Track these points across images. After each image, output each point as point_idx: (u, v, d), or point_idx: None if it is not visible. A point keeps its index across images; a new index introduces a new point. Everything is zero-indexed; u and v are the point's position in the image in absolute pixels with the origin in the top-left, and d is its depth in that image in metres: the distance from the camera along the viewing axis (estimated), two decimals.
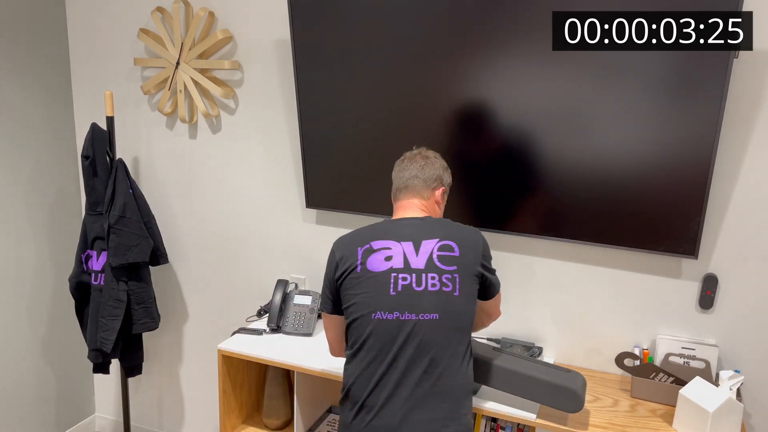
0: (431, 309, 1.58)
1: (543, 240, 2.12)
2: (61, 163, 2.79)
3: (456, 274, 1.60)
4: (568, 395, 1.76)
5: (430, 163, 1.76)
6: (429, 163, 1.76)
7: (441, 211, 1.81)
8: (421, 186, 1.74)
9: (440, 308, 1.58)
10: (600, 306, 2.11)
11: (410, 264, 1.61)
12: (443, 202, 1.81)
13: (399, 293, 1.59)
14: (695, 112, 1.76)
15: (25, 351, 2.72)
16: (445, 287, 1.59)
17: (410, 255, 1.62)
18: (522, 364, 1.84)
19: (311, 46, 2.15)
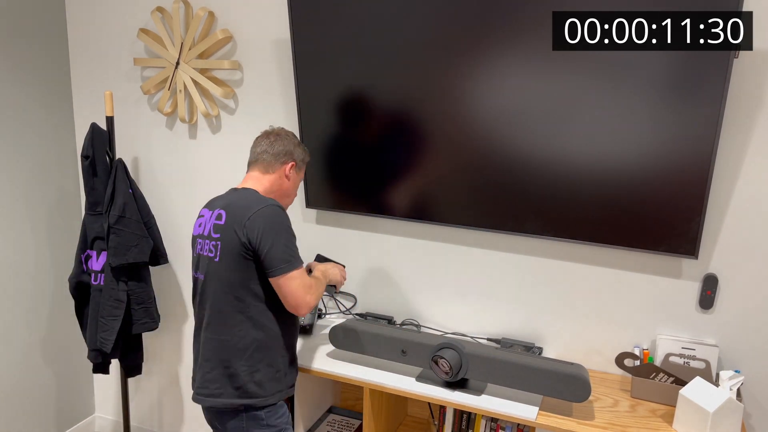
0: (203, 270, 1.83)
1: (543, 240, 2.12)
2: (61, 163, 2.79)
3: (219, 242, 1.78)
4: (576, 383, 1.77)
5: (280, 140, 1.91)
6: (279, 139, 1.91)
7: (291, 183, 1.93)
8: (270, 160, 1.89)
9: (206, 271, 1.81)
10: (600, 306, 2.11)
11: (204, 232, 1.84)
12: (295, 176, 1.93)
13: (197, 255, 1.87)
14: (695, 112, 1.76)
15: (25, 351, 2.72)
16: (210, 253, 1.81)
17: (207, 224, 1.84)
18: (526, 359, 1.85)
19: (311, 46, 2.15)
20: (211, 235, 1.80)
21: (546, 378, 1.81)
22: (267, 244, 1.72)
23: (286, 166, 1.90)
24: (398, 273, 2.37)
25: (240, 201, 1.79)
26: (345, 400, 2.51)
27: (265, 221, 1.73)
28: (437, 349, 1.92)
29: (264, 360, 1.80)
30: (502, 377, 1.86)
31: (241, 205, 1.77)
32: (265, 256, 1.73)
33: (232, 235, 1.75)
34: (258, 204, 1.76)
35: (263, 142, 1.90)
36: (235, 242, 1.74)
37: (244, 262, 1.75)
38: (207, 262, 1.81)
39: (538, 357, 1.88)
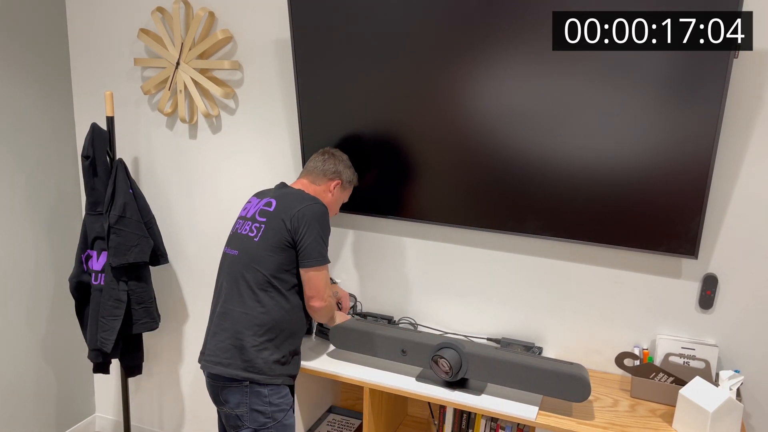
0: (235, 247, 1.94)
1: (543, 240, 2.13)
2: (61, 163, 2.79)
3: (263, 224, 1.90)
4: (576, 383, 1.77)
5: (333, 159, 2.07)
6: (332, 158, 2.07)
7: (334, 200, 2.08)
8: (317, 173, 2.05)
9: (240, 247, 1.93)
10: (600, 306, 2.11)
11: (248, 215, 1.98)
12: (339, 194, 2.09)
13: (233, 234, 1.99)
14: (695, 112, 1.76)
15: (25, 351, 2.72)
16: (251, 233, 1.92)
17: (252, 208, 1.98)
18: (526, 359, 1.85)
19: (311, 46, 2.16)
20: (256, 217, 1.93)
21: (546, 378, 1.81)
22: (309, 237, 1.87)
23: (331, 183, 2.05)
24: (398, 273, 2.37)
25: (292, 194, 1.94)
26: (345, 400, 2.51)
27: (313, 215, 1.88)
28: (437, 348, 1.93)
29: (274, 342, 1.89)
30: (502, 377, 1.86)
31: (293, 197, 1.92)
32: (304, 246, 1.87)
33: (279, 223, 1.88)
34: (309, 200, 1.91)
35: (318, 158, 2.07)
36: (279, 228, 1.87)
37: (282, 249, 1.87)
38: (244, 240, 1.92)
39: (538, 357, 1.88)
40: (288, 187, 2.01)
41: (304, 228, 1.86)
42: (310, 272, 1.89)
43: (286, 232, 1.87)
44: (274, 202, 1.93)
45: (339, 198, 2.10)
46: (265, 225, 1.90)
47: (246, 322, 1.87)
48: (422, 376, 2.01)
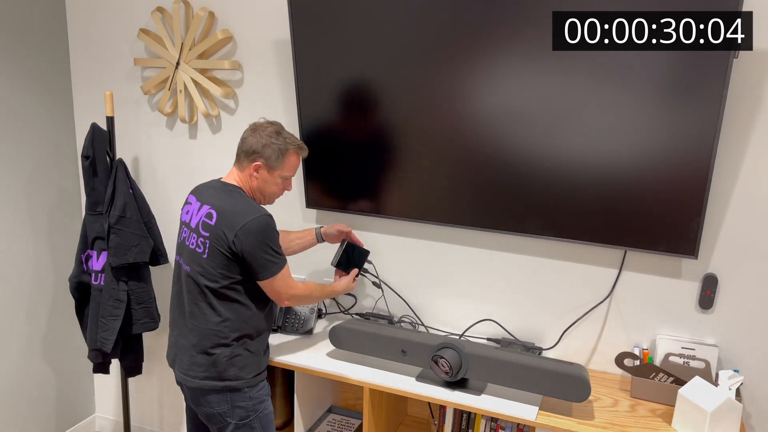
0: (188, 262, 1.89)
1: (543, 240, 2.13)
2: (61, 163, 2.79)
3: (208, 240, 1.83)
4: (576, 383, 1.78)
5: (254, 136, 1.89)
6: (254, 136, 1.89)
7: (260, 183, 1.91)
8: (241, 158, 1.91)
9: (192, 263, 1.88)
10: (600, 306, 2.11)
11: (191, 222, 1.90)
12: (264, 175, 1.90)
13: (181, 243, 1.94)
14: (695, 112, 1.76)
15: (25, 351, 2.72)
16: (198, 248, 1.86)
17: (194, 215, 1.90)
18: (526, 359, 1.85)
19: (311, 46, 2.16)
20: (200, 231, 1.86)
21: (546, 378, 1.81)
22: (254, 255, 1.81)
23: (252, 165, 1.89)
24: (398, 273, 2.37)
25: (230, 206, 1.83)
26: (345, 400, 2.51)
27: (254, 236, 1.80)
28: (437, 348, 1.93)
29: (244, 348, 1.90)
30: (502, 377, 1.86)
31: (232, 211, 1.82)
32: (252, 264, 1.83)
33: (222, 238, 1.81)
34: (248, 213, 1.81)
35: (242, 137, 1.93)
36: (222, 244, 1.82)
37: (229, 261, 1.83)
38: (194, 255, 1.87)
39: (538, 357, 1.88)
40: (227, 187, 1.89)
41: (248, 248, 1.80)
42: (265, 283, 1.87)
43: (228, 250, 1.81)
44: (214, 215, 1.83)
45: (269, 182, 1.91)
46: (209, 241, 1.83)
47: (213, 336, 1.87)
48: (422, 376, 2.01)
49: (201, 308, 1.88)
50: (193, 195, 1.95)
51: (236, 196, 1.87)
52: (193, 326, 1.90)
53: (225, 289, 1.85)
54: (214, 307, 1.87)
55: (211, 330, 1.87)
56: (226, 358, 1.88)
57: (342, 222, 2.42)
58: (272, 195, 1.96)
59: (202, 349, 1.88)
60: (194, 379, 1.90)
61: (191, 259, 1.88)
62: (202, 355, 1.89)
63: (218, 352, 1.87)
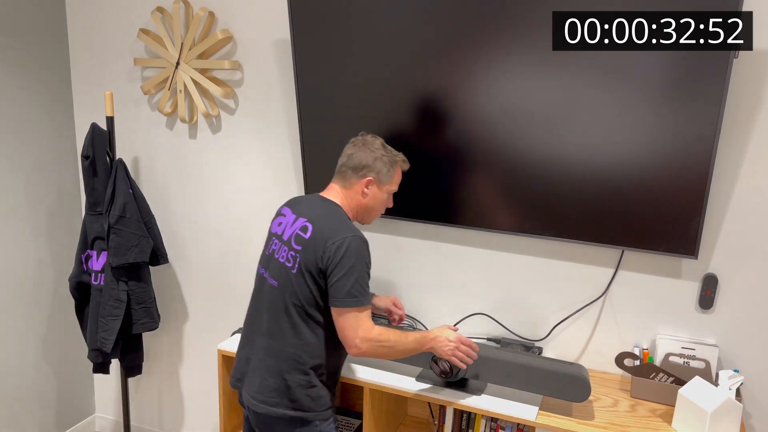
0: (275, 276, 1.79)
1: (543, 240, 2.13)
2: (61, 163, 2.79)
3: (299, 254, 1.73)
4: (576, 384, 1.78)
5: (362, 151, 1.81)
6: (362, 151, 1.81)
7: (369, 200, 1.83)
8: (347, 172, 1.82)
9: (280, 279, 1.77)
10: (600, 306, 2.11)
11: (284, 235, 1.80)
12: (374, 191, 1.82)
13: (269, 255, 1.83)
14: (695, 112, 1.76)
15: (25, 351, 2.72)
16: (288, 263, 1.75)
17: (288, 227, 1.80)
18: (526, 359, 1.85)
19: (311, 46, 2.16)
20: (292, 245, 1.75)
21: (546, 378, 1.81)
22: (338, 275, 1.67)
23: (363, 180, 1.80)
24: (398, 273, 2.37)
25: (327, 221, 1.74)
26: (345, 400, 2.51)
27: (345, 257, 1.67)
28: None
29: (320, 378, 1.78)
30: (501, 377, 1.86)
31: (328, 227, 1.72)
32: (332, 285, 1.69)
33: (313, 255, 1.70)
34: (344, 231, 1.70)
35: (346, 152, 1.84)
36: (312, 261, 1.70)
37: (317, 282, 1.72)
38: (283, 270, 1.76)
39: (538, 357, 1.88)
40: (325, 202, 1.80)
41: (335, 265, 1.67)
42: (338, 312, 1.69)
43: (317, 268, 1.70)
44: (310, 228, 1.73)
45: (378, 197, 1.83)
46: (300, 255, 1.72)
47: (291, 360, 1.75)
48: (422, 376, 2.01)
49: (282, 327, 1.75)
50: (287, 207, 1.86)
51: (336, 212, 1.77)
52: (269, 346, 1.77)
53: (312, 308, 1.73)
54: (296, 328, 1.74)
55: (290, 353, 1.74)
56: (301, 387, 1.75)
57: None
58: (377, 212, 1.88)
59: (278, 372, 1.75)
60: (263, 404, 1.77)
61: (279, 273, 1.76)
62: (275, 379, 1.75)
63: (294, 379, 1.74)
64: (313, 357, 1.75)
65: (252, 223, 2.57)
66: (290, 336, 1.74)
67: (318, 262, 1.69)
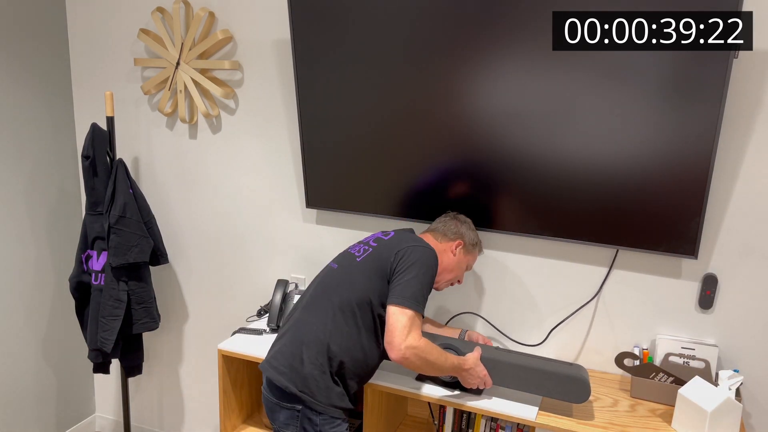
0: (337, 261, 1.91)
1: (542, 240, 2.13)
2: (61, 163, 2.79)
3: (371, 248, 1.86)
4: (576, 385, 1.78)
5: (454, 221, 2.02)
6: (454, 220, 2.03)
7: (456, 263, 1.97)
8: (440, 233, 2.00)
9: (341, 263, 1.88)
10: (600, 306, 2.11)
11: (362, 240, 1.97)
12: (461, 256, 1.99)
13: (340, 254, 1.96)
14: (695, 112, 1.76)
15: (25, 351, 2.72)
16: (357, 253, 1.87)
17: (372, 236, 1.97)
18: (526, 359, 1.85)
19: (311, 46, 2.16)
20: (369, 242, 1.90)
21: (546, 379, 1.81)
22: (407, 276, 1.74)
23: (453, 243, 1.97)
24: None
25: (412, 235, 1.91)
26: None
27: (419, 259, 1.77)
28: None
29: (335, 369, 1.77)
30: (501, 378, 1.86)
31: (410, 238, 1.87)
32: (399, 283, 1.74)
33: (386, 252, 1.81)
34: (423, 243, 1.83)
35: (441, 219, 2.04)
36: (384, 257, 1.80)
37: (379, 277, 1.78)
38: (348, 257, 1.88)
39: (538, 358, 1.88)
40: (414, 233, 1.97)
41: (406, 264, 1.75)
42: (390, 309, 1.71)
43: (387, 266, 1.78)
44: (392, 234, 1.91)
45: (462, 261, 1.98)
46: (373, 250, 1.84)
47: (314, 337, 1.75)
48: (422, 376, 2.01)
49: (322, 307, 1.78)
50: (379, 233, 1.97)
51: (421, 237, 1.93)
52: (301, 318, 1.80)
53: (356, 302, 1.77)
54: (334, 312, 1.77)
55: (317, 331, 1.75)
56: (313, 366, 1.74)
57: (342, 222, 2.41)
58: (452, 276, 1.99)
59: (298, 344, 1.76)
60: (271, 370, 1.77)
61: (343, 259, 1.89)
62: (292, 348, 1.76)
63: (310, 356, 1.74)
64: (337, 345, 1.75)
65: (252, 222, 2.58)
66: (325, 316, 1.77)
67: (390, 258, 1.79)
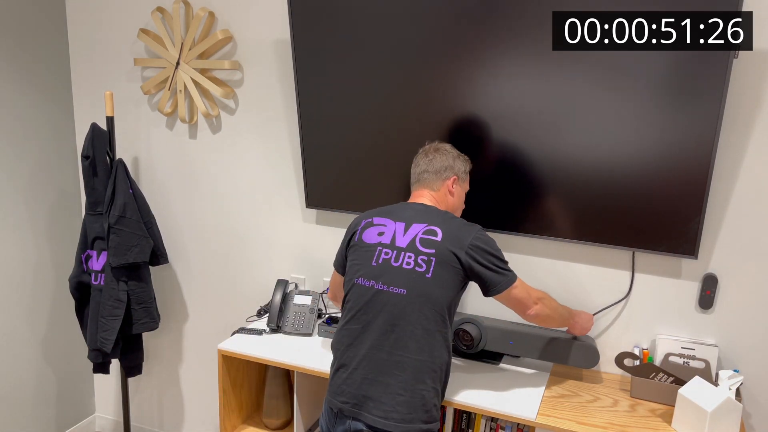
0: (401, 284, 1.71)
1: (542, 240, 2.13)
2: (61, 163, 2.79)
3: (433, 257, 1.71)
4: (587, 351, 1.96)
5: (439, 155, 1.89)
6: (438, 155, 1.89)
7: (456, 198, 1.90)
8: (431, 179, 1.87)
9: (409, 285, 1.70)
10: (599, 305, 2.11)
11: (395, 242, 1.75)
12: (458, 189, 1.90)
13: (379, 265, 1.74)
14: (695, 112, 1.76)
15: (25, 351, 2.72)
16: (419, 267, 1.71)
17: (399, 234, 1.76)
18: (539, 330, 2.03)
19: (311, 46, 2.16)
20: (419, 248, 1.72)
21: (559, 347, 1.96)
22: (490, 265, 1.72)
23: (448, 181, 1.87)
24: None
25: (450, 223, 1.75)
26: None
27: (483, 250, 1.72)
28: (459, 323, 2.04)
29: (443, 385, 1.76)
30: (518, 348, 2.00)
31: (456, 227, 1.74)
32: (486, 278, 1.72)
33: (450, 256, 1.70)
34: (470, 228, 1.75)
35: (422, 161, 1.89)
36: (453, 262, 1.70)
37: (457, 282, 1.72)
38: (412, 276, 1.70)
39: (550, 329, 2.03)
40: (426, 206, 1.81)
41: (481, 261, 1.70)
42: (505, 294, 1.74)
43: (461, 268, 1.71)
44: (439, 232, 1.72)
45: (460, 194, 1.91)
46: (435, 258, 1.69)
47: (426, 370, 1.67)
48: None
49: (414, 335, 1.67)
50: (381, 217, 1.82)
51: (447, 213, 1.80)
52: (398, 360, 1.67)
53: (442, 317, 1.70)
54: (430, 335, 1.68)
55: (423, 361, 1.67)
56: (432, 395, 1.68)
57: (342, 222, 2.41)
58: (460, 211, 1.94)
59: (413, 385, 1.66)
60: (401, 423, 1.64)
61: (407, 280, 1.70)
62: (409, 394, 1.66)
63: (429, 389, 1.68)
64: (442, 364, 1.71)
65: (252, 222, 2.57)
66: (424, 343, 1.68)
67: (462, 262, 1.70)
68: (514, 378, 2.01)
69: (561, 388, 1.99)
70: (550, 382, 2.01)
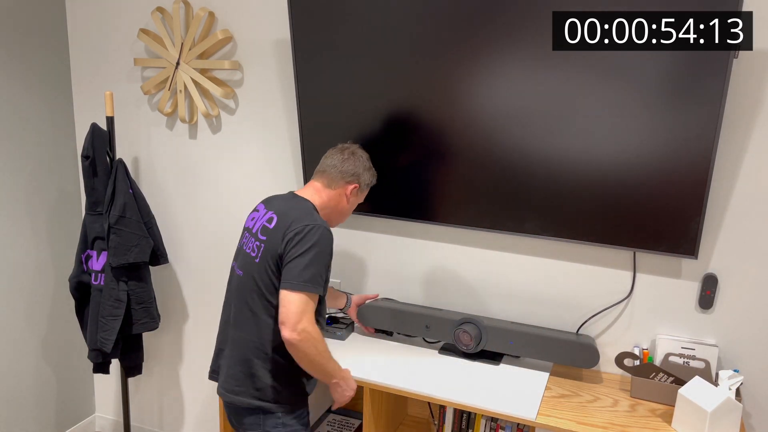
0: (241, 267, 1.85)
1: (542, 240, 2.13)
2: (61, 163, 2.79)
3: (263, 244, 1.78)
4: (586, 351, 1.96)
5: (354, 159, 1.92)
6: (353, 158, 1.92)
7: (350, 206, 1.95)
8: (335, 176, 1.90)
9: (245, 269, 1.83)
10: (600, 306, 2.11)
11: (253, 228, 1.85)
12: (355, 199, 1.95)
13: (239, 249, 1.89)
14: (695, 112, 1.76)
15: (25, 351, 2.72)
16: (253, 252, 1.81)
17: (261, 221, 1.84)
18: (539, 330, 2.05)
19: (311, 46, 2.16)
20: (258, 235, 1.81)
21: (559, 347, 1.97)
22: (293, 255, 1.70)
23: (348, 186, 1.90)
24: (397, 273, 2.37)
25: (294, 211, 1.78)
26: None
27: (304, 237, 1.70)
28: (459, 323, 2.07)
29: (283, 367, 1.80)
30: (518, 347, 2.02)
31: (294, 216, 1.76)
32: (286, 265, 1.71)
33: (276, 242, 1.75)
34: (309, 220, 1.74)
35: (336, 156, 1.91)
36: (275, 249, 1.75)
37: (277, 267, 1.76)
38: (248, 260, 1.82)
39: (550, 329, 2.05)
40: (296, 198, 1.85)
41: (292, 247, 1.70)
42: (283, 293, 1.68)
43: (277, 254, 1.74)
44: (275, 219, 1.78)
45: (354, 203, 1.96)
46: (264, 245, 1.77)
47: (254, 349, 1.79)
48: (445, 348, 2.17)
49: (246, 316, 1.80)
50: (262, 203, 1.91)
51: (305, 206, 1.81)
52: (235, 336, 1.83)
53: (271, 294, 1.76)
54: (260, 318, 1.78)
55: (253, 341, 1.79)
56: (267, 374, 1.79)
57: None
58: (345, 217, 1.98)
59: (243, 360, 1.81)
60: (229, 394, 1.83)
61: (245, 263, 1.83)
62: (240, 367, 1.81)
63: (259, 368, 1.79)
64: (277, 345, 1.78)
65: None
66: (252, 324, 1.80)
67: (278, 247, 1.74)
68: (514, 378, 2.01)
69: (561, 388, 1.99)
70: (550, 382, 2.01)
